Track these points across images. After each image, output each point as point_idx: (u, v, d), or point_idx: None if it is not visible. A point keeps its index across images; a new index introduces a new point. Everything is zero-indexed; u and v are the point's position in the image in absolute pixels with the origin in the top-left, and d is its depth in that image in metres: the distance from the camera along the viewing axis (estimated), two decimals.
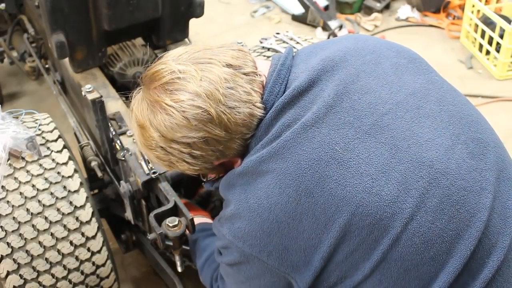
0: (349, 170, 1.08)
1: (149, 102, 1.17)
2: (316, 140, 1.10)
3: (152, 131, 1.17)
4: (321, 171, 1.08)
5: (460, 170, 1.10)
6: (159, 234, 1.60)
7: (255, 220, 1.14)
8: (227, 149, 1.18)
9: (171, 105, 1.13)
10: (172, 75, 1.14)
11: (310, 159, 1.09)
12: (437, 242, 1.07)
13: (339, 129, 1.11)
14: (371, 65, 1.20)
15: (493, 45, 3.64)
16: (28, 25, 2.85)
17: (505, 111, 3.35)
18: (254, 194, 1.15)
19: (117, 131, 1.97)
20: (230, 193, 1.22)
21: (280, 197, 1.11)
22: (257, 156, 1.14)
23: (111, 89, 2.23)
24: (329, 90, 1.15)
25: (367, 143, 1.10)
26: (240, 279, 1.26)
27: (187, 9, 2.37)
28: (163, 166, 1.27)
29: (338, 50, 1.22)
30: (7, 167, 1.79)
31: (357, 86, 1.16)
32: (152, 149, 1.21)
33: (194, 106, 1.12)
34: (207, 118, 1.12)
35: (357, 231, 1.07)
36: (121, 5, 2.10)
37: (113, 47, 2.41)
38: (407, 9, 4.35)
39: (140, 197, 1.85)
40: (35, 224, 1.76)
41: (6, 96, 3.53)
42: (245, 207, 1.16)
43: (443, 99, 1.19)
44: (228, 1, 4.61)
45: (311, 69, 1.18)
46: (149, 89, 1.18)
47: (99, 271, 1.91)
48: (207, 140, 1.15)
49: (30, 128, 1.91)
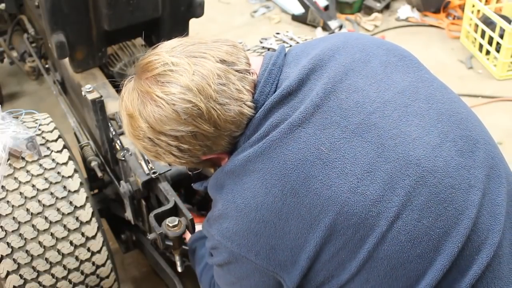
0: (334, 170, 1.08)
1: (139, 92, 1.16)
2: (302, 140, 1.11)
3: (140, 122, 1.16)
4: (307, 171, 1.09)
5: (448, 168, 1.10)
6: (159, 234, 1.60)
7: (242, 220, 1.15)
8: (215, 145, 1.18)
9: (161, 97, 1.12)
10: (165, 67, 1.14)
11: (295, 159, 1.10)
12: (424, 240, 1.07)
13: (325, 129, 1.11)
14: (360, 63, 1.20)
15: (493, 45, 3.64)
16: (28, 25, 2.85)
17: (505, 111, 3.35)
18: (241, 194, 1.15)
19: (117, 131, 1.97)
20: (217, 193, 1.22)
21: (266, 197, 1.11)
22: (244, 155, 1.15)
23: (111, 89, 2.23)
24: (317, 89, 1.15)
25: (353, 143, 1.10)
26: (231, 279, 1.27)
27: (187, 9, 2.37)
28: (150, 156, 1.27)
29: (327, 49, 1.22)
30: (7, 167, 1.79)
31: (345, 85, 1.16)
32: (139, 139, 1.21)
33: (184, 100, 1.11)
34: (196, 113, 1.12)
35: (342, 230, 1.07)
36: (121, 5, 2.11)
37: (113, 47, 2.41)
38: (407, 9, 4.36)
39: (140, 197, 1.85)
40: (35, 224, 1.76)
41: (6, 96, 3.53)
42: (232, 207, 1.17)
43: (432, 97, 1.18)
44: (228, 1, 4.61)
45: (301, 68, 1.18)
46: (140, 79, 1.17)
47: (99, 271, 1.91)
48: (195, 135, 1.14)
49: (30, 128, 1.91)
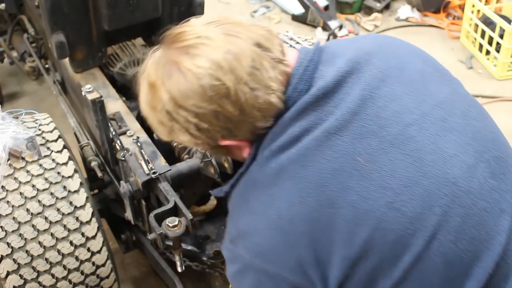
0: (372, 183, 1.02)
1: (166, 61, 1.08)
2: (339, 148, 1.04)
3: (162, 92, 1.08)
4: (343, 181, 1.02)
5: (482, 190, 1.05)
6: (159, 234, 1.60)
7: (275, 232, 1.06)
8: (237, 129, 1.10)
9: (190, 69, 1.04)
10: (198, 39, 1.06)
11: (332, 168, 1.03)
12: (457, 263, 1.02)
13: (363, 138, 1.05)
14: (396, 70, 1.14)
15: (493, 45, 3.64)
16: (28, 25, 2.85)
17: (505, 111, 3.35)
18: (272, 204, 1.07)
19: (117, 131, 1.97)
20: (243, 204, 1.13)
21: (302, 207, 1.04)
22: (276, 164, 1.07)
23: (111, 89, 2.23)
24: (354, 94, 1.08)
25: (391, 155, 1.04)
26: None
27: (187, 9, 2.37)
28: (162, 133, 1.17)
29: (363, 52, 1.16)
30: (7, 167, 1.79)
31: (382, 92, 1.09)
32: (156, 111, 1.11)
33: (213, 76, 1.03)
34: (224, 92, 1.04)
35: (378, 246, 1.01)
36: (121, 5, 2.10)
37: (113, 47, 2.41)
38: (407, 9, 4.36)
39: (140, 197, 1.85)
40: (35, 224, 1.76)
41: (6, 96, 3.53)
42: (263, 219, 1.08)
43: (468, 112, 1.13)
44: (228, 1, 4.62)
45: (338, 70, 1.11)
46: (169, 48, 1.09)
47: (99, 271, 1.91)
48: (218, 115, 1.06)
49: (30, 128, 1.91)
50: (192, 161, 1.91)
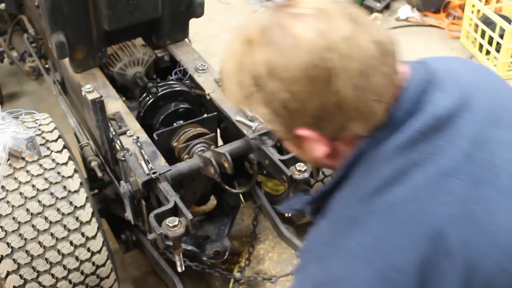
0: (485, 236, 0.93)
1: (277, 22, 0.94)
2: (455, 193, 0.94)
3: (259, 52, 0.93)
4: (459, 231, 0.92)
5: None
6: (159, 234, 1.60)
7: (379, 283, 0.92)
8: (325, 122, 0.96)
9: (304, 39, 0.91)
10: (319, 12, 0.94)
11: (448, 213, 0.92)
12: None
13: (477, 185, 0.95)
14: (500, 111, 1.04)
15: (493, 45, 3.64)
16: (28, 25, 2.85)
17: None
18: (378, 249, 0.94)
19: (117, 131, 1.97)
20: (338, 247, 0.98)
21: (414, 255, 0.91)
22: (383, 201, 0.95)
23: (111, 89, 2.23)
24: (467, 133, 0.98)
25: (505, 207, 0.95)
26: None
27: (187, 9, 2.37)
28: (236, 96, 1.01)
29: (467, 81, 1.05)
30: (7, 167, 1.79)
31: (494, 136, 1.00)
32: (242, 71, 0.96)
33: (323, 58, 0.90)
34: (328, 78, 0.91)
35: None
36: (121, 5, 2.11)
37: (113, 47, 2.41)
38: (407, 9, 4.36)
39: (140, 197, 1.85)
40: (35, 224, 1.76)
41: (6, 96, 3.54)
42: (365, 266, 0.94)
43: None
44: (228, 1, 4.61)
45: (451, 99, 0.99)
46: (282, 12, 0.96)
47: (99, 271, 1.91)
48: (313, 99, 0.93)
49: (30, 128, 1.91)
50: (192, 161, 1.91)
